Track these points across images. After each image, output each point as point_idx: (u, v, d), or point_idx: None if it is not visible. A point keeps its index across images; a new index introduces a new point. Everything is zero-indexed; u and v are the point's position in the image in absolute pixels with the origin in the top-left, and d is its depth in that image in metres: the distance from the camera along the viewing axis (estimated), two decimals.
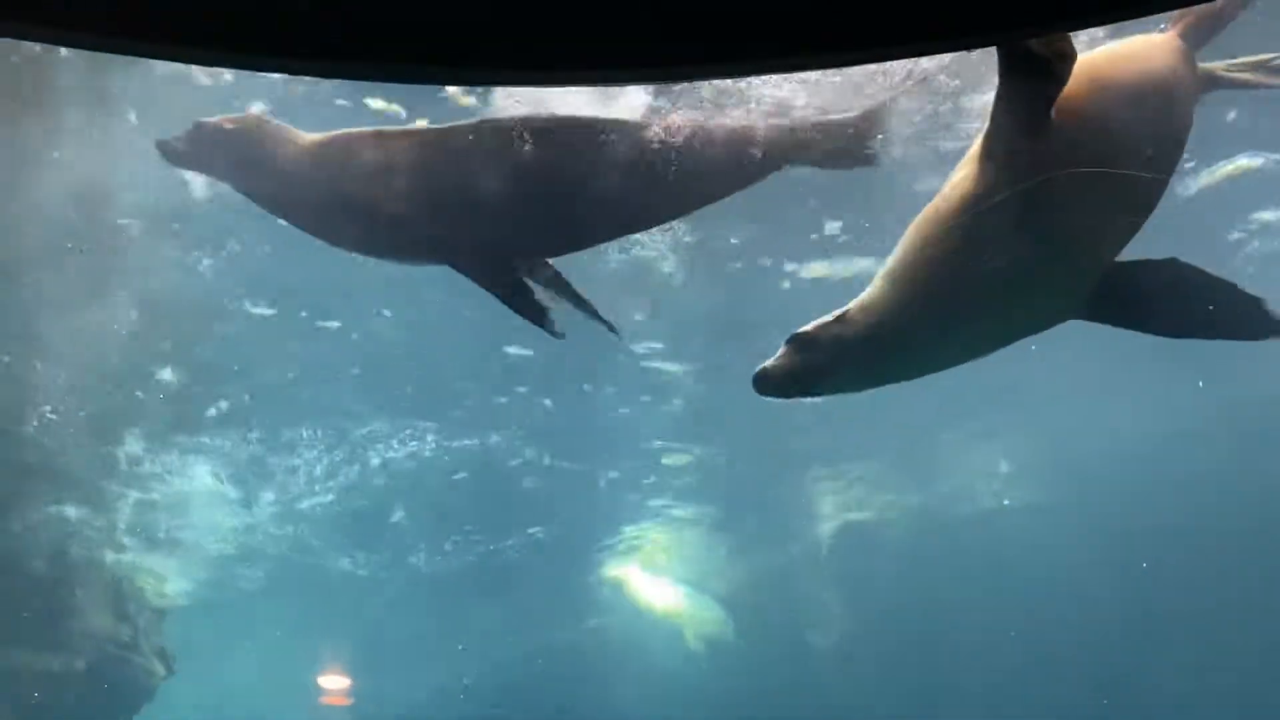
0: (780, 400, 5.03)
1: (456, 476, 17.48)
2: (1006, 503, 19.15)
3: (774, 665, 22.09)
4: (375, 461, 16.97)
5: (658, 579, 23.54)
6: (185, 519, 18.89)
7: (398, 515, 18.90)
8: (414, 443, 16.34)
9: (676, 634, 24.68)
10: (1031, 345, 4.99)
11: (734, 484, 18.22)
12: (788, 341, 4.81)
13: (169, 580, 19.81)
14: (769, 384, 4.78)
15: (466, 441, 16.38)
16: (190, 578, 21.37)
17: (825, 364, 4.73)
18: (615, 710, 23.56)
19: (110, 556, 17.16)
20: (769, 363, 4.80)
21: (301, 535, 19.73)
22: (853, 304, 4.79)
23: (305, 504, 18.26)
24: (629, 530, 20.67)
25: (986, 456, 18.32)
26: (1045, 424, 16.71)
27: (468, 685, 26.68)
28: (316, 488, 17.67)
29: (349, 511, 18.53)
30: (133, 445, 15.36)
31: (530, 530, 20.16)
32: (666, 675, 23.47)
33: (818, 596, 21.74)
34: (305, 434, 15.96)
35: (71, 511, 16.08)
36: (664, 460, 17.31)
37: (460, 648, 25.41)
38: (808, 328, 4.78)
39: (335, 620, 25.74)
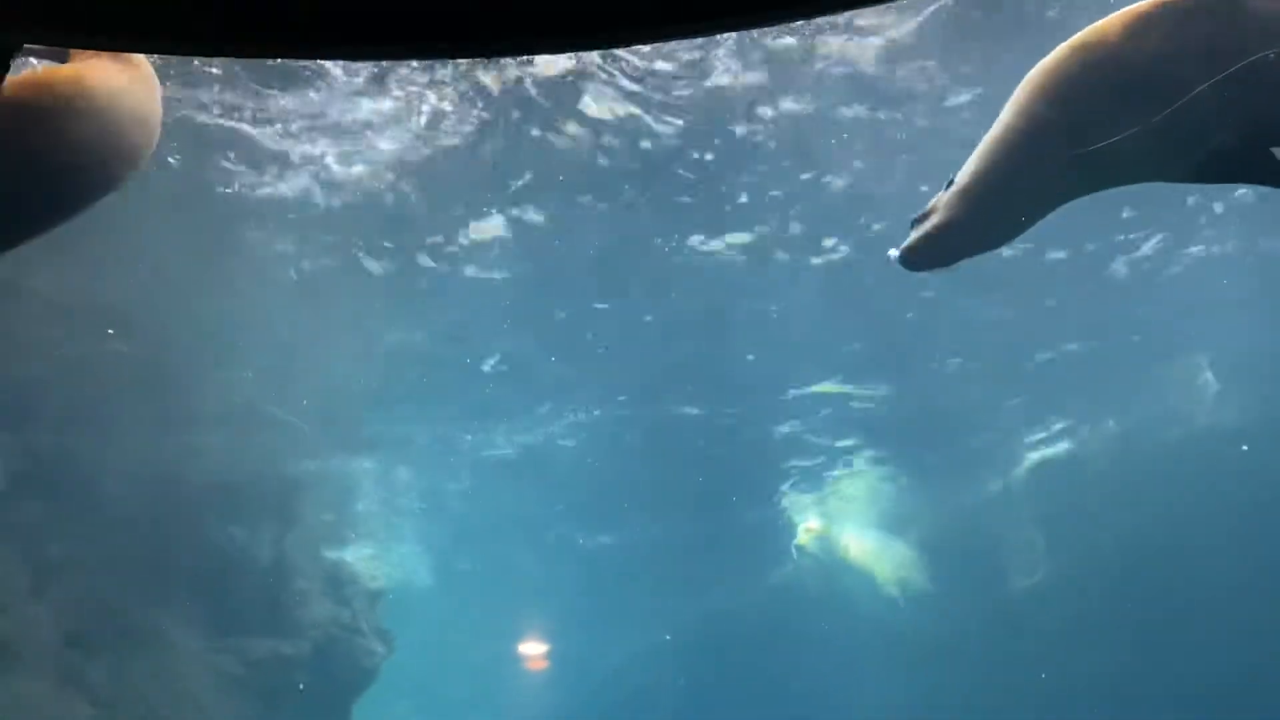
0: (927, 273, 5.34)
1: (629, 440, 17.69)
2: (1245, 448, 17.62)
3: (973, 608, 21.52)
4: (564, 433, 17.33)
5: (849, 527, 23.27)
6: (399, 503, 19.96)
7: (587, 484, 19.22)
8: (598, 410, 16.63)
9: (871, 581, 24.38)
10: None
11: (922, 422, 17.70)
12: (913, 223, 5.07)
13: (382, 564, 20.79)
14: (913, 259, 5.06)
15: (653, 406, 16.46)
16: (400, 561, 22.48)
17: (954, 231, 4.89)
18: (815, 658, 23.49)
19: (327, 546, 18.10)
20: (905, 244, 5.08)
21: (506, 507, 20.45)
22: (963, 170, 4.93)
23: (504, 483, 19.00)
24: (816, 479, 20.39)
25: (1189, 373, 17.25)
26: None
27: (669, 640, 27.08)
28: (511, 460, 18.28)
29: (547, 477, 18.99)
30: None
31: (717, 484, 20.09)
32: (865, 621, 23.18)
33: (1017, 536, 21.00)
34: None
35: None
36: (851, 404, 16.99)
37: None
38: (926, 207, 5.03)
39: (538, 591, 26.55)
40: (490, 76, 9.29)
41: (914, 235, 5.00)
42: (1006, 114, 4.77)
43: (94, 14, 1.50)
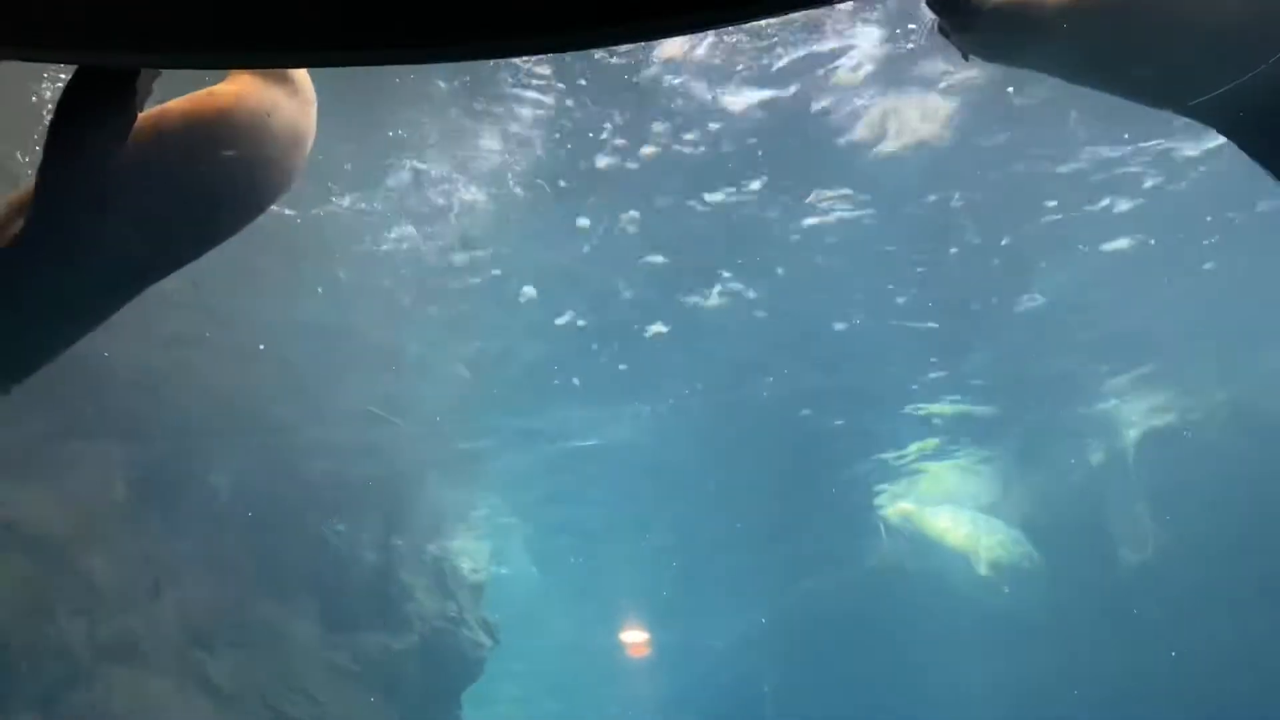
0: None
1: (722, 426, 17.62)
2: None
3: (1080, 585, 20.96)
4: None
5: (944, 506, 22.86)
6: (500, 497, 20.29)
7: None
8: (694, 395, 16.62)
9: (967, 562, 23.91)
10: None
11: (1019, 396, 17.27)
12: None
13: (483, 558, 21.11)
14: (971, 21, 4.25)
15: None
16: (502, 554, 22.82)
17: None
18: (914, 640, 23.16)
19: (430, 541, 18.44)
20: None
21: (605, 499, 20.60)
22: None
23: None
24: (909, 458, 20.08)
25: None
26: None
27: (767, 625, 26.97)
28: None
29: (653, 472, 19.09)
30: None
31: (808, 464, 19.90)
32: (964, 601, 22.74)
33: (1123, 510, 20.38)
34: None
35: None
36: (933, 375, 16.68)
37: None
38: None
39: (638, 581, 26.70)
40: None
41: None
42: None
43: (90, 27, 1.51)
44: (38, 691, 10.84)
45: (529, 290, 13.25)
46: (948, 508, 22.75)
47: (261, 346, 13.25)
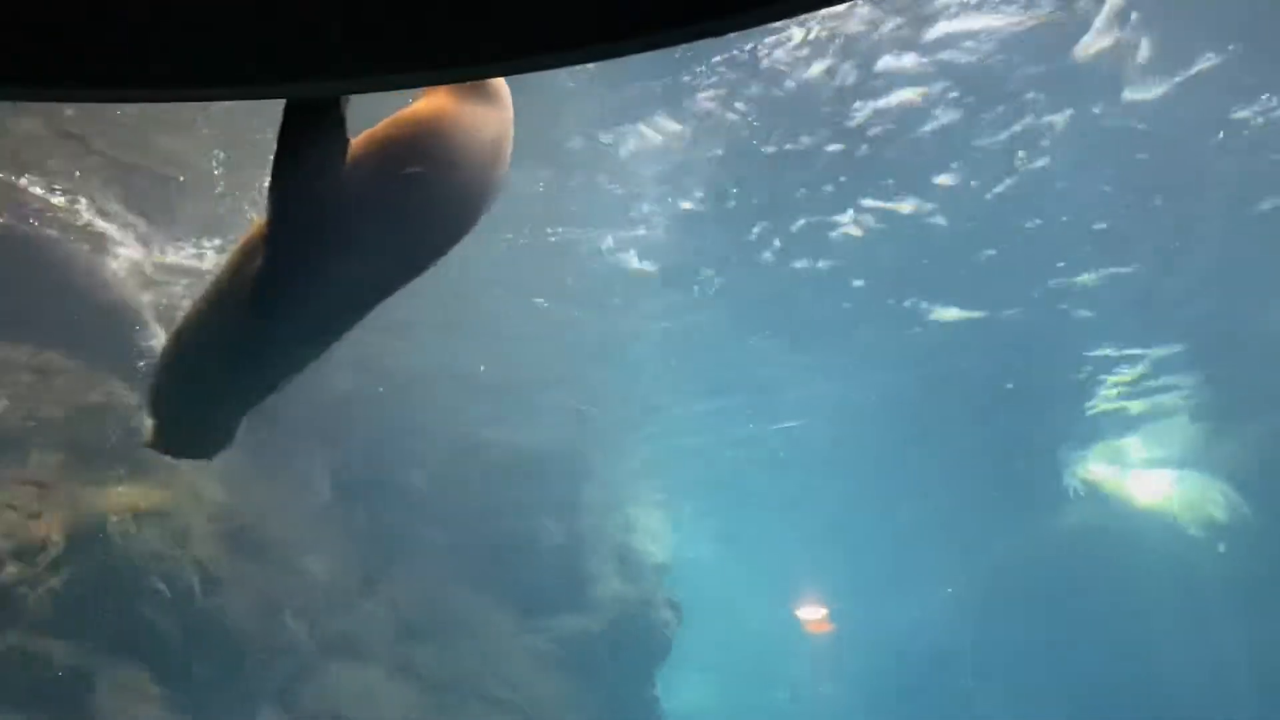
0: None
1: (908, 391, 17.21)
2: None
3: None
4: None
5: (1144, 465, 21.82)
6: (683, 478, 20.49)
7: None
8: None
9: (1171, 522, 22.75)
10: None
11: (1221, 337, 16.20)
12: None
13: (666, 540, 21.31)
14: None
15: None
16: (686, 534, 23.02)
17: None
18: (1114, 604, 22.22)
19: (613, 526, 18.76)
20: None
21: (788, 475, 20.52)
22: None
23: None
24: (1106, 413, 19.16)
25: None
26: None
27: (961, 596, 26.36)
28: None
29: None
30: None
31: (993, 426, 19.26)
32: (1173, 564, 21.64)
33: None
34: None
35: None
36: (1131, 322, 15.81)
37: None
38: None
39: (825, 558, 26.50)
40: None
41: None
42: None
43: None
44: (274, 686, 11.56)
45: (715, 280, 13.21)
46: (1148, 465, 21.69)
47: (482, 368, 13.85)
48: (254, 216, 9.49)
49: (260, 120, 8.35)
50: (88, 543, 10.11)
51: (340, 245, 3.79)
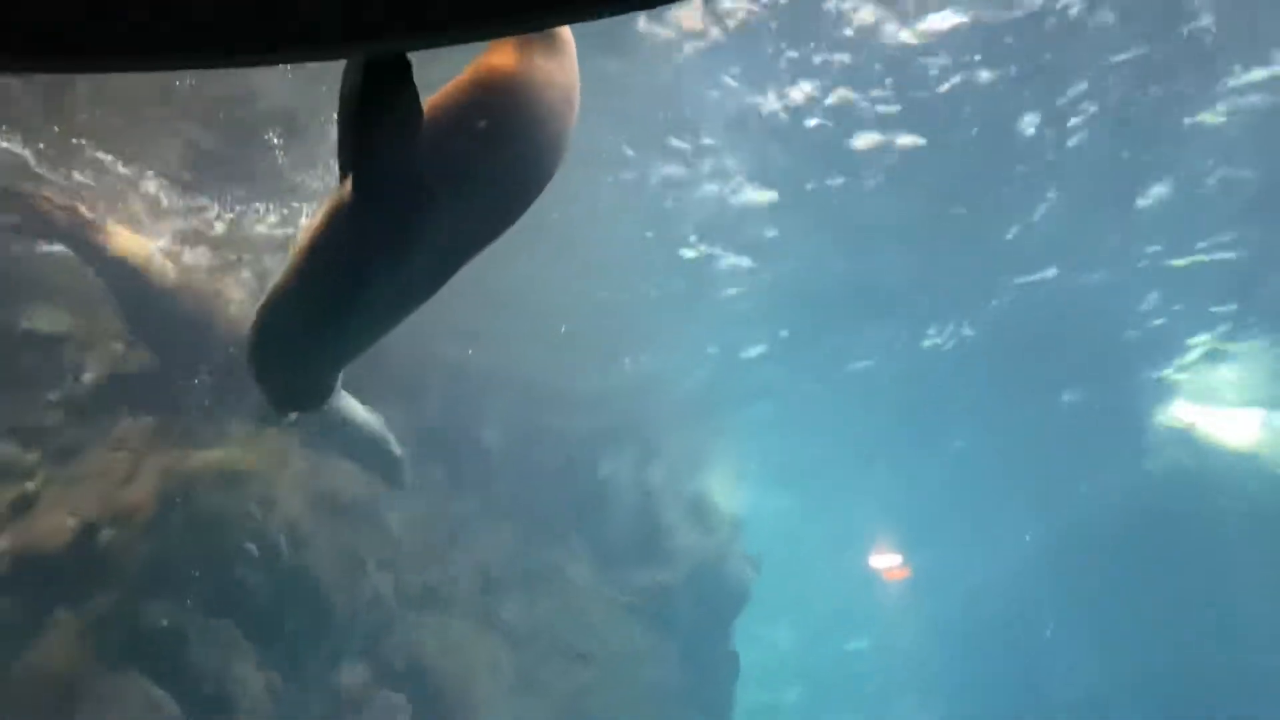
0: None
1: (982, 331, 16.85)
2: None
3: None
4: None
5: (1229, 405, 21.11)
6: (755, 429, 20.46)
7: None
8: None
9: (1261, 465, 22.08)
10: None
11: None
12: None
13: (740, 493, 21.36)
14: None
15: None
16: (759, 486, 23.00)
17: None
18: (1202, 550, 21.70)
19: (685, 476, 18.83)
20: None
21: (860, 422, 20.32)
22: None
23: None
24: (1189, 350, 18.54)
25: None
26: None
27: (1038, 544, 26.00)
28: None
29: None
30: None
31: (1078, 368, 18.76)
32: (1261, 508, 21.05)
33: None
34: None
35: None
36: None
37: None
38: None
39: (899, 506, 26.28)
40: None
41: None
42: None
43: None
44: (360, 640, 11.86)
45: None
46: (1233, 404, 20.99)
47: (563, 328, 13.93)
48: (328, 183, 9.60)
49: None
50: (178, 506, 10.43)
51: (421, 208, 3.80)
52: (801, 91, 10.49)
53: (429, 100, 3.75)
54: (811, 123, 10.97)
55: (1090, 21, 9.81)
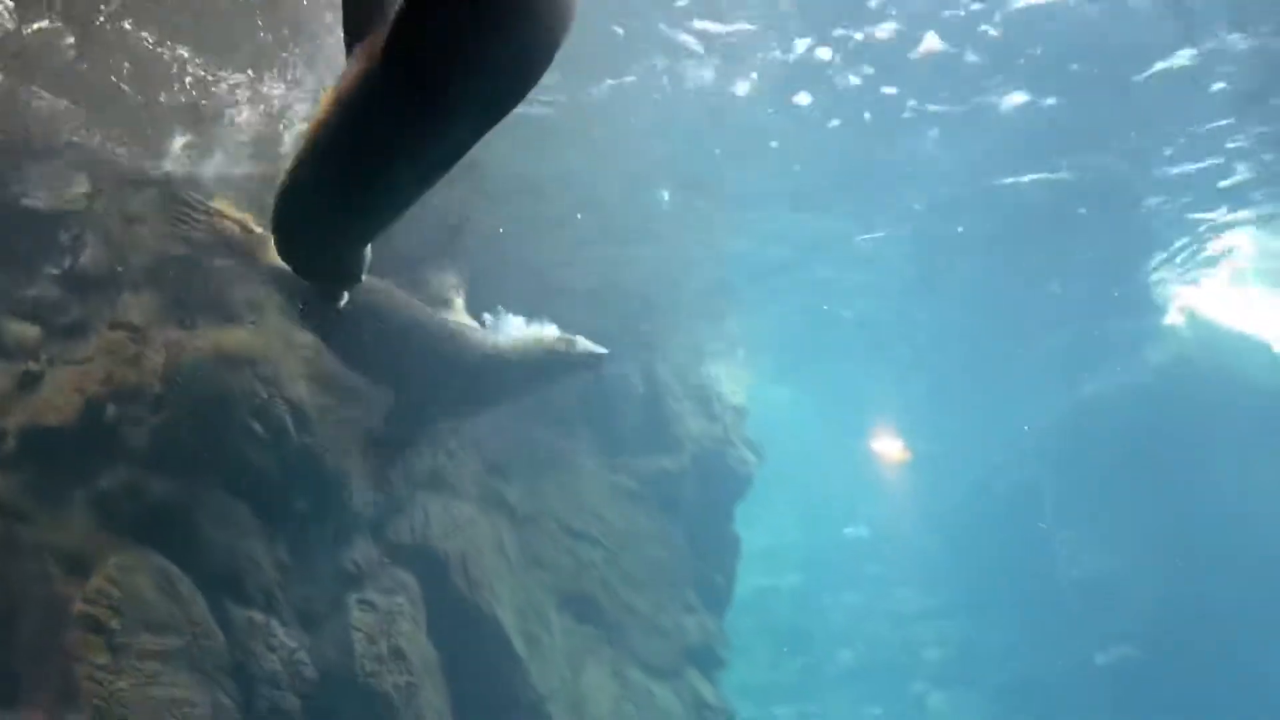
0: None
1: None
2: None
3: None
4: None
5: (1238, 290, 20.71)
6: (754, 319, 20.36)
7: None
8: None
9: (1268, 350, 21.99)
10: None
11: None
12: None
13: (743, 381, 21.40)
14: None
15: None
16: (761, 374, 23.05)
17: None
18: (1209, 444, 21.80)
19: (692, 367, 18.85)
20: None
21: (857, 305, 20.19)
22: None
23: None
24: (1197, 229, 18.16)
25: None
26: None
27: (1027, 430, 26.14)
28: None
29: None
30: None
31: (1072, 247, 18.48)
32: (1271, 400, 21.05)
33: None
34: None
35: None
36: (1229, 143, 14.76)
37: None
38: None
39: (900, 393, 26.35)
40: None
41: None
42: None
43: None
44: (367, 520, 12.05)
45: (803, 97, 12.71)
46: (1242, 290, 20.61)
47: (579, 216, 13.67)
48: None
49: None
50: (184, 384, 10.48)
51: (451, 67, 3.66)
52: None
53: None
54: None
55: None
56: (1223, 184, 16.04)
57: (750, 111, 12.71)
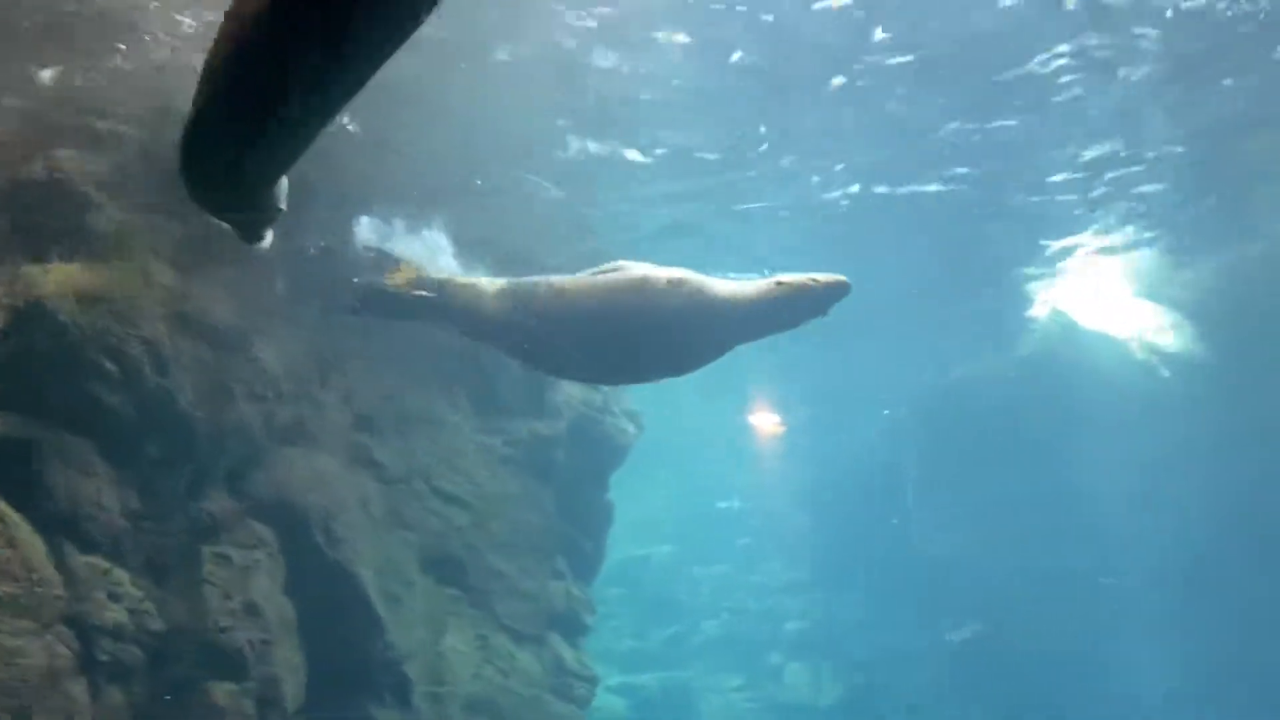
0: None
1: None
2: None
3: (1255, 373, 20.08)
4: None
5: (1097, 293, 21.88)
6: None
7: None
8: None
9: (1127, 349, 23.11)
10: None
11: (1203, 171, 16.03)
12: None
13: None
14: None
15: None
16: None
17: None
18: (1067, 432, 22.81)
19: None
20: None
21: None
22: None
23: None
24: (1063, 238, 19.06)
25: None
26: None
27: (888, 415, 26.93)
28: None
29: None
30: None
31: (955, 249, 19.10)
32: (1124, 393, 22.13)
33: None
34: None
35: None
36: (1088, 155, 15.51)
37: None
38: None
39: (775, 365, 26.71)
40: None
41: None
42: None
43: None
44: (223, 469, 11.63)
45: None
46: (1108, 293, 21.77)
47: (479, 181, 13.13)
48: None
49: None
50: (31, 319, 9.92)
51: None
52: None
53: None
54: None
55: None
56: (1092, 194, 16.92)
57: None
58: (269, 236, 5.58)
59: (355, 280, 8.28)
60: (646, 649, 31.23)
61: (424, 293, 7.97)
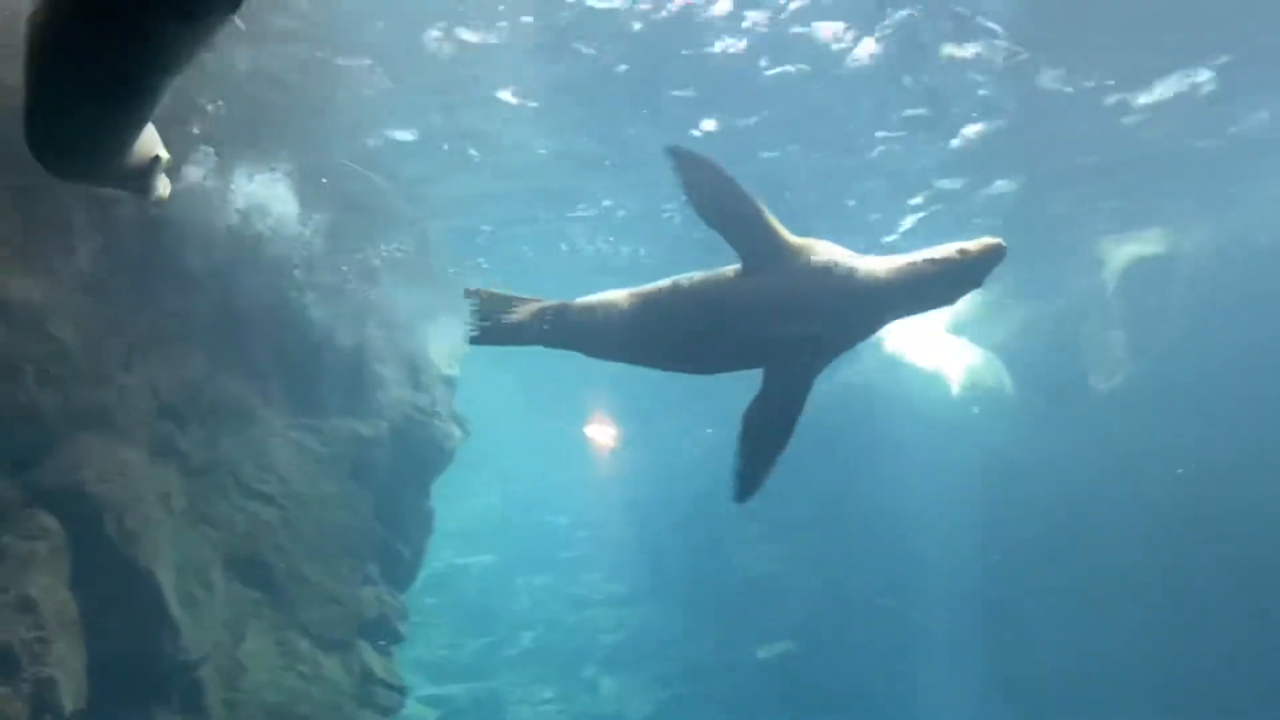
0: None
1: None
2: None
3: (1053, 412, 21.39)
4: None
5: (918, 330, 22.98)
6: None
7: None
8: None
9: (941, 384, 24.26)
10: None
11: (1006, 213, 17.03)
12: None
13: (457, 354, 21.05)
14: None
15: None
16: (477, 352, 22.73)
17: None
18: (882, 458, 23.72)
19: (404, 332, 18.31)
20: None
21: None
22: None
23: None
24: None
25: None
26: None
27: (710, 433, 27.47)
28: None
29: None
30: None
31: None
32: (934, 424, 23.20)
33: (1100, 338, 20.64)
34: None
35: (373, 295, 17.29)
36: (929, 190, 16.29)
37: None
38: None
39: (609, 385, 26.85)
40: None
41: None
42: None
43: None
44: (10, 455, 10.81)
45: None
46: (925, 331, 22.87)
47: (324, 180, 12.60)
48: None
49: None
50: None
51: None
52: None
53: None
54: None
55: None
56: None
57: None
58: (162, 185, 5.29)
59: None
60: (459, 659, 30.69)
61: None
